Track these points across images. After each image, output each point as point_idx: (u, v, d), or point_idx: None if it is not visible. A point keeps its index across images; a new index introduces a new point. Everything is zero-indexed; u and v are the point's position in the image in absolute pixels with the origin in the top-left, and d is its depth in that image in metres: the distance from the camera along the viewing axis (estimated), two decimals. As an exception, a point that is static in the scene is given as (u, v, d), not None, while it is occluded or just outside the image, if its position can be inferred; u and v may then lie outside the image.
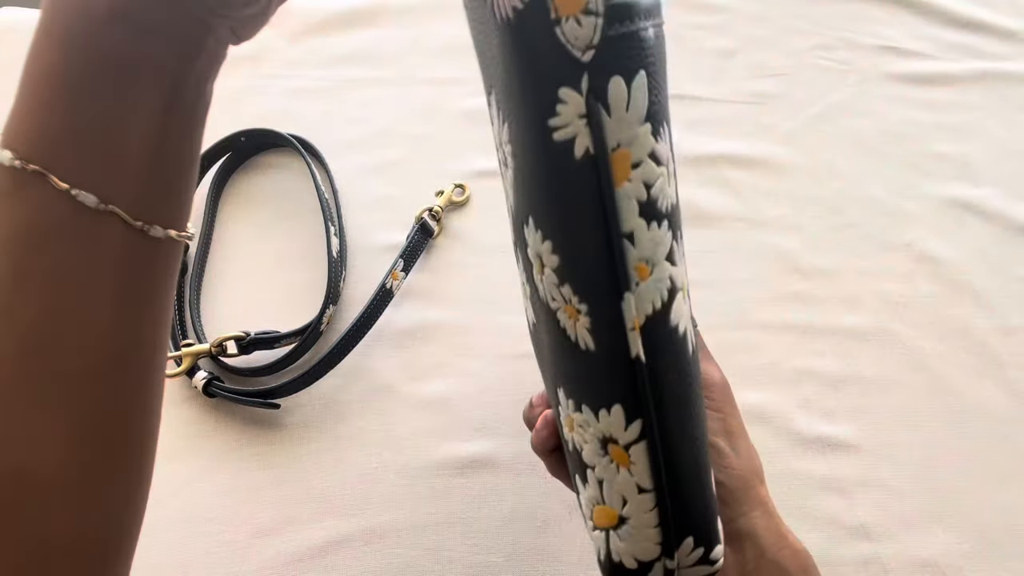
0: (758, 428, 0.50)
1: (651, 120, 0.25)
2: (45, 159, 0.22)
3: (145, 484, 0.27)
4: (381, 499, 0.48)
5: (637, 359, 0.27)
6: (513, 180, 0.29)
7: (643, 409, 0.27)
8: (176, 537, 0.47)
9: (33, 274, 0.22)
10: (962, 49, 0.64)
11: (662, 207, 0.26)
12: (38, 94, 0.22)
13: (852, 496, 0.48)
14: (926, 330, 0.53)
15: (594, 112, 0.25)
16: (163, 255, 0.25)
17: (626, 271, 0.26)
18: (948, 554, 0.47)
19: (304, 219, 0.57)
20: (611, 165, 0.25)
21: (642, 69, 0.25)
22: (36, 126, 0.22)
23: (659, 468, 0.28)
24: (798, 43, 0.65)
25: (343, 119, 0.62)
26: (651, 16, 0.25)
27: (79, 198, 0.22)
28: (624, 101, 0.25)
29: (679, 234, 0.28)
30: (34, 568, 0.23)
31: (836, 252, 0.56)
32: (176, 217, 0.25)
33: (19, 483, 0.23)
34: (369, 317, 0.51)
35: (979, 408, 0.51)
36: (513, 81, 0.26)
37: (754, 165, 0.59)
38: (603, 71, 0.24)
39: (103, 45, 0.22)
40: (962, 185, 0.59)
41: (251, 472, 0.49)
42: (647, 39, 0.25)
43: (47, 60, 0.22)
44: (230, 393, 0.50)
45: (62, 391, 0.23)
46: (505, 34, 0.26)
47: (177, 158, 0.24)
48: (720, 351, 0.52)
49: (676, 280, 0.27)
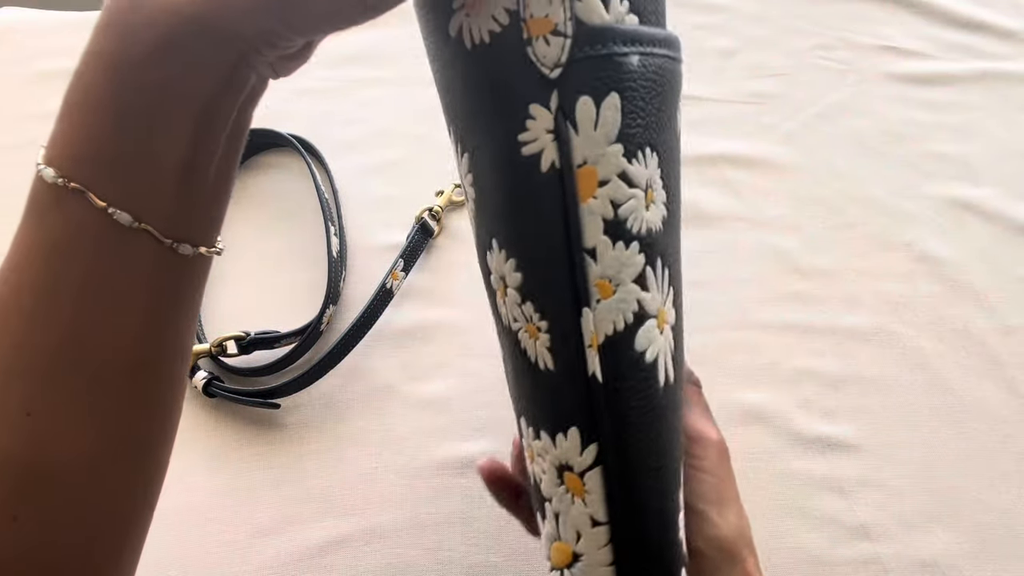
0: (758, 428, 0.50)
1: (624, 142, 0.26)
2: (85, 178, 0.23)
3: (160, 480, 0.29)
4: (381, 499, 0.48)
5: (593, 377, 0.26)
6: (475, 211, 0.29)
7: (599, 432, 0.26)
8: (175, 537, 0.47)
9: (68, 284, 0.24)
10: (962, 49, 0.64)
11: (633, 229, 0.26)
12: (82, 116, 0.24)
13: (852, 496, 0.48)
14: (926, 330, 0.53)
15: (562, 128, 0.25)
16: (190, 270, 0.26)
17: (586, 286, 0.26)
18: (948, 554, 0.47)
19: (304, 219, 0.57)
20: (576, 180, 0.25)
21: (615, 91, 0.25)
22: (78, 146, 0.24)
23: (614, 498, 0.27)
24: (798, 43, 0.65)
25: (343, 119, 0.62)
26: (637, 43, 0.25)
27: (115, 216, 0.24)
28: (592, 120, 0.25)
29: (661, 264, 0.27)
30: (59, 552, 0.25)
31: (836, 252, 0.56)
32: (206, 235, 0.26)
33: (48, 476, 0.24)
34: (369, 317, 0.51)
35: (979, 408, 0.51)
36: (485, 101, 0.27)
37: (754, 165, 0.59)
38: (571, 89, 0.25)
39: (147, 76, 0.23)
40: (962, 185, 0.59)
41: (251, 472, 0.49)
42: (625, 64, 0.25)
43: (92, 84, 0.23)
44: (230, 393, 0.50)
45: (90, 393, 0.25)
46: (478, 58, 0.26)
47: (209, 181, 0.26)
48: (720, 351, 0.53)
49: (647, 306, 0.27)
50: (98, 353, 0.25)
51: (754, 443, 0.49)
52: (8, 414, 0.24)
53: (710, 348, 0.52)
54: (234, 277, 0.56)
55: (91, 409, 0.25)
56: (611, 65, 0.25)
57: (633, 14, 0.26)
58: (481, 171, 0.28)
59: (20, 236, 0.24)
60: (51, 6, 0.69)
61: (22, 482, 0.24)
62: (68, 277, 0.24)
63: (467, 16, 0.26)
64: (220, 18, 0.23)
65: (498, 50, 0.26)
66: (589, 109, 0.25)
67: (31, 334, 0.24)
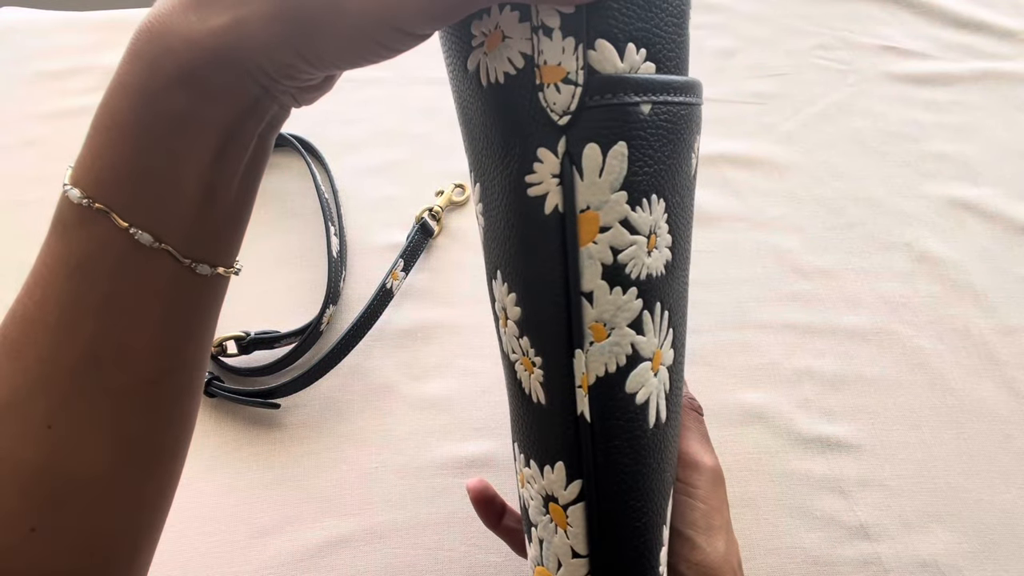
0: (758, 428, 0.50)
1: (628, 189, 0.26)
2: (109, 199, 0.24)
3: (173, 488, 0.30)
4: (381, 499, 0.48)
5: (582, 416, 0.27)
6: (484, 239, 0.30)
7: (583, 469, 0.28)
8: (176, 536, 0.47)
9: (91, 300, 0.25)
10: (962, 49, 0.64)
11: (632, 275, 0.27)
12: (107, 140, 0.25)
13: (852, 496, 0.48)
14: (926, 330, 0.53)
15: (567, 173, 0.26)
16: (209, 289, 0.28)
17: (581, 328, 0.27)
18: (948, 554, 0.47)
19: (304, 219, 0.57)
20: (578, 224, 0.26)
21: (623, 140, 0.25)
22: (103, 169, 0.25)
23: (594, 534, 0.28)
24: (798, 43, 0.65)
25: (343, 119, 0.62)
26: (650, 92, 0.26)
27: (136, 236, 0.25)
28: (598, 167, 0.26)
29: (660, 307, 0.28)
30: (75, 562, 0.26)
31: (836, 252, 0.56)
32: (224, 256, 0.28)
33: (66, 488, 0.25)
34: (369, 317, 0.51)
35: (979, 408, 0.51)
36: (496, 138, 0.27)
37: (754, 165, 0.59)
38: (579, 136, 0.26)
39: (169, 104, 0.24)
40: (962, 185, 0.59)
41: (251, 472, 0.49)
42: (635, 112, 0.26)
43: (117, 110, 0.24)
44: (230, 393, 0.50)
45: (110, 404, 0.26)
46: (493, 95, 0.27)
47: (228, 205, 0.27)
48: (720, 351, 0.53)
49: (641, 350, 0.28)
50: (118, 368, 0.26)
51: (754, 443, 0.50)
52: (31, 426, 0.25)
53: (710, 348, 0.52)
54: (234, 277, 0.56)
55: (110, 422, 0.26)
56: (621, 114, 0.25)
57: (651, 62, 0.26)
58: (490, 203, 0.29)
59: (46, 251, 0.25)
60: (51, 6, 0.69)
61: (42, 494, 0.25)
62: (91, 293, 0.25)
63: (484, 54, 0.27)
64: (239, 51, 0.23)
65: (511, 92, 0.26)
66: (595, 156, 0.26)
67: (55, 347, 0.25)
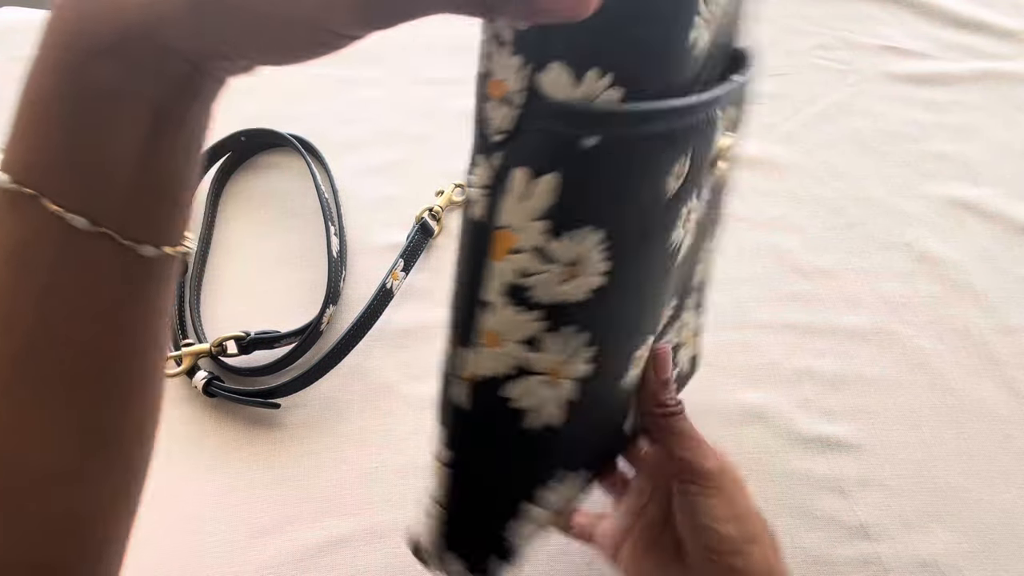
0: (758, 428, 0.50)
1: (554, 219, 0.25)
2: (38, 183, 0.23)
3: (142, 475, 0.29)
4: (381, 499, 0.48)
5: (459, 403, 0.30)
6: None
7: (452, 441, 0.31)
8: (176, 537, 0.47)
9: (28, 288, 0.24)
10: (962, 49, 0.64)
11: (536, 299, 0.27)
12: (32, 120, 0.23)
13: (852, 496, 0.48)
14: (926, 330, 0.53)
15: (494, 188, 0.26)
16: (156, 270, 0.26)
17: (475, 330, 0.28)
18: (948, 554, 0.47)
19: (304, 219, 0.57)
20: (493, 239, 0.26)
21: (556, 172, 0.24)
22: (30, 151, 0.23)
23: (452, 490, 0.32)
24: (798, 43, 0.65)
25: (343, 119, 0.62)
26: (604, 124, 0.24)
27: (71, 221, 0.23)
28: (521, 192, 0.25)
29: (577, 330, 0.28)
30: (37, 541, 0.25)
31: (836, 252, 0.56)
32: (168, 235, 0.26)
33: (20, 469, 0.25)
34: (369, 317, 0.51)
35: (979, 408, 0.51)
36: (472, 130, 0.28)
37: (754, 165, 0.59)
38: (512, 158, 0.25)
39: (93, 78, 0.22)
40: (962, 185, 0.59)
41: (251, 472, 0.49)
42: (577, 145, 0.24)
43: (41, 88, 0.23)
44: (230, 393, 0.50)
45: (57, 392, 0.25)
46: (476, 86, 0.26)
47: (166, 181, 0.25)
48: (720, 351, 0.53)
49: (534, 366, 0.29)
50: (63, 357, 0.24)
51: (754, 443, 0.49)
52: None
53: (710, 348, 0.52)
54: (234, 277, 0.56)
55: (58, 410, 0.25)
56: (559, 145, 0.24)
57: (619, 87, 0.23)
58: None
59: None
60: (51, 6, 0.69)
61: None
62: (28, 282, 0.24)
63: None
64: (158, 31, 0.22)
65: (478, 88, 0.26)
66: (522, 182, 0.25)
67: None
